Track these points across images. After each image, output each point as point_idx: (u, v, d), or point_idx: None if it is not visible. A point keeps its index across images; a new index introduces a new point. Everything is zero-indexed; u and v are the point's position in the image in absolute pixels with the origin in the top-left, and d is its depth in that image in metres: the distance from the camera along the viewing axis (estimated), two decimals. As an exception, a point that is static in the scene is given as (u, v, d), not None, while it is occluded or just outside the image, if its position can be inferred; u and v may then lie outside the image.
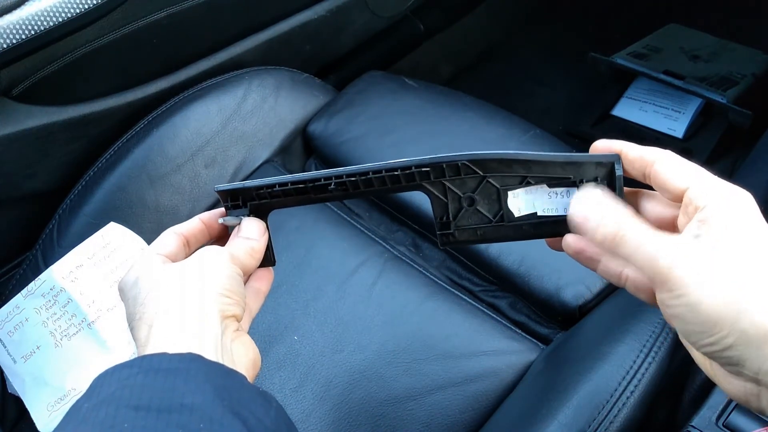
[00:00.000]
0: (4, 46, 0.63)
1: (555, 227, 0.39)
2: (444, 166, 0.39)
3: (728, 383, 0.35)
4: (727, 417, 0.53)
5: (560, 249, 0.40)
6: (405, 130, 0.78)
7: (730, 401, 0.53)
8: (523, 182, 0.38)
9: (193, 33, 0.82)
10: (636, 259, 0.34)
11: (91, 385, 0.34)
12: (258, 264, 0.43)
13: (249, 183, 0.42)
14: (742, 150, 1.00)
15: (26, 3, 0.65)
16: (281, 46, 0.90)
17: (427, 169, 0.39)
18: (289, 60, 0.90)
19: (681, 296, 0.32)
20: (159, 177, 0.74)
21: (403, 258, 0.70)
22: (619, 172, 0.36)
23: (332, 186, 0.40)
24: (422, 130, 0.77)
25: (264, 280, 0.46)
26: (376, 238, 0.72)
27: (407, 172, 0.39)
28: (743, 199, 0.34)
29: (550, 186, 0.38)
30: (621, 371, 0.52)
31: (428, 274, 0.69)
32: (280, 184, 0.41)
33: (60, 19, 0.66)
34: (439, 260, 0.73)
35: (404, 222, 0.76)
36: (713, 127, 1.08)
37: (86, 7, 0.67)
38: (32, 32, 0.64)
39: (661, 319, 0.55)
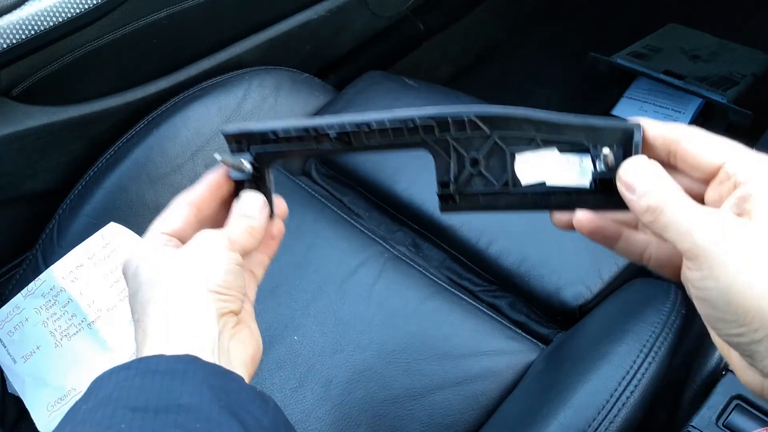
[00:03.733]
0: (4, 46, 0.63)
1: (565, 198, 0.36)
2: (449, 120, 0.36)
3: (745, 374, 0.32)
4: (727, 417, 0.53)
5: (568, 227, 0.37)
6: (405, 130, 0.78)
7: (729, 401, 0.54)
8: (532, 144, 0.35)
9: (193, 33, 0.82)
10: (672, 230, 0.30)
11: (89, 387, 0.34)
12: (259, 243, 0.41)
13: (254, 125, 0.41)
14: (742, 150, 1.00)
15: (26, 3, 0.65)
16: (281, 46, 0.90)
17: (432, 123, 0.37)
18: (289, 60, 0.90)
19: (714, 278, 0.29)
20: (159, 177, 0.74)
21: (403, 258, 0.70)
22: (637, 139, 0.33)
23: (334, 134, 0.39)
24: (422, 130, 0.77)
25: (269, 245, 0.45)
26: (376, 238, 0.72)
27: (410, 125, 0.37)
28: None
29: (561, 151, 0.35)
30: (621, 371, 0.52)
31: (428, 274, 0.69)
32: (284, 130, 0.40)
33: (60, 19, 0.66)
34: (439, 260, 0.73)
35: (404, 222, 0.76)
36: (713, 127, 1.07)
37: (86, 7, 0.67)
38: (32, 32, 0.64)
39: (662, 319, 0.55)
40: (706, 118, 1.09)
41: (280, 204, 0.44)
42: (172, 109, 0.78)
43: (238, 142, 0.41)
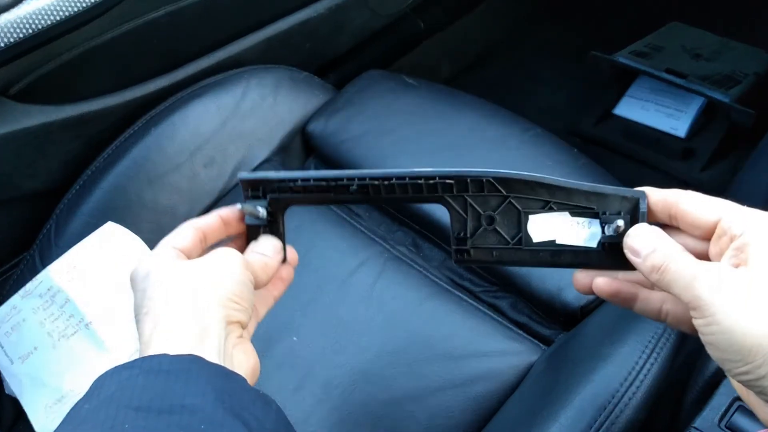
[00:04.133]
0: (2, 45, 0.63)
1: (573, 257, 0.39)
2: (468, 180, 0.38)
3: (763, 411, 0.35)
4: (730, 418, 0.53)
5: (589, 292, 0.40)
6: (405, 129, 0.77)
7: (732, 402, 0.53)
8: (546, 207, 0.38)
9: (191, 31, 0.82)
10: (676, 285, 0.34)
11: (91, 386, 0.34)
12: (269, 280, 0.43)
13: (272, 174, 0.41)
14: (744, 149, 1.00)
15: (24, 1, 0.65)
16: (280, 45, 0.90)
17: (451, 182, 0.38)
18: (289, 58, 0.89)
19: (716, 323, 0.32)
20: (157, 176, 0.74)
21: (403, 258, 0.70)
22: (643, 209, 0.37)
23: (354, 188, 0.40)
24: (422, 129, 0.77)
25: (277, 285, 0.46)
26: (376, 238, 0.71)
27: (430, 182, 0.39)
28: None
29: (572, 215, 0.38)
30: (623, 372, 0.52)
31: (428, 275, 0.68)
32: (303, 180, 0.41)
33: (58, 18, 0.65)
34: (439, 260, 0.72)
35: (404, 222, 0.75)
36: (715, 126, 1.08)
37: (84, 5, 0.66)
38: (30, 31, 0.64)
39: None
40: (709, 117, 1.09)
41: (292, 252, 0.45)
42: (171, 107, 0.77)
43: (255, 188, 0.42)
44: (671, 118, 1.09)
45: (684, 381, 0.56)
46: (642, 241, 0.36)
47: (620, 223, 0.37)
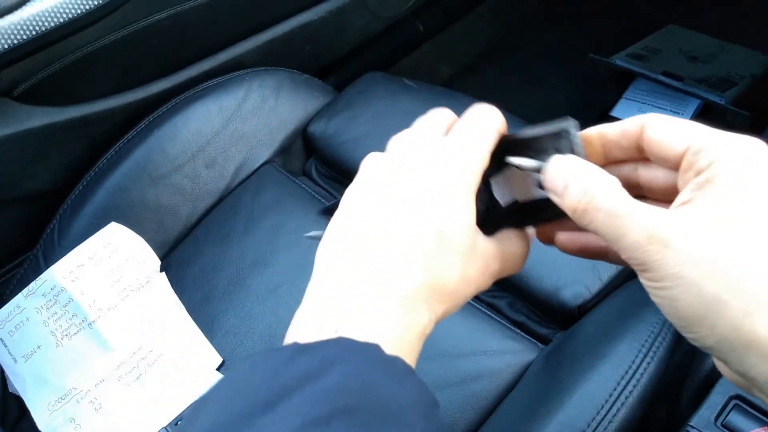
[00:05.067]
0: (6, 46, 0.63)
1: (534, 214, 0.35)
2: None
3: (723, 369, 0.30)
4: (726, 417, 0.53)
5: (559, 247, 0.35)
6: (404, 131, 0.78)
7: (728, 401, 0.54)
8: (501, 167, 0.35)
9: (193, 34, 0.82)
10: (605, 232, 0.27)
11: (321, 358, 0.27)
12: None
13: None
14: (740, 151, 1.00)
15: (27, 3, 0.65)
16: (282, 47, 0.90)
17: None
18: (290, 61, 0.90)
19: (660, 288, 0.26)
20: (160, 177, 0.74)
21: (403, 258, 0.70)
22: (574, 139, 0.31)
23: None
24: (422, 130, 0.77)
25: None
26: (376, 239, 0.72)
27: None
28: (749, 152, 0.26)
29: (520, 168, 0.34)
30: (620, 371, 0.52)
31: (428, 275, 0.69)
32: None
33: (61, 20, 0.66)
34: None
35: (404, 222, 0.76)
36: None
37: (87, 7, 0.67)
38: (33, 33, 0.65)
39: (660, 319, 0.55)
40: (705, 119, 1.09)
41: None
42: (173, 109, 0.78)
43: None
44: (668, 120, 1.10)
45: (680, 379, 0.57)
46: (554, 176, 0.30)
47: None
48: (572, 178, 0.29)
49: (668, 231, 0.26)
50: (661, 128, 0.29)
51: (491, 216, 0.36)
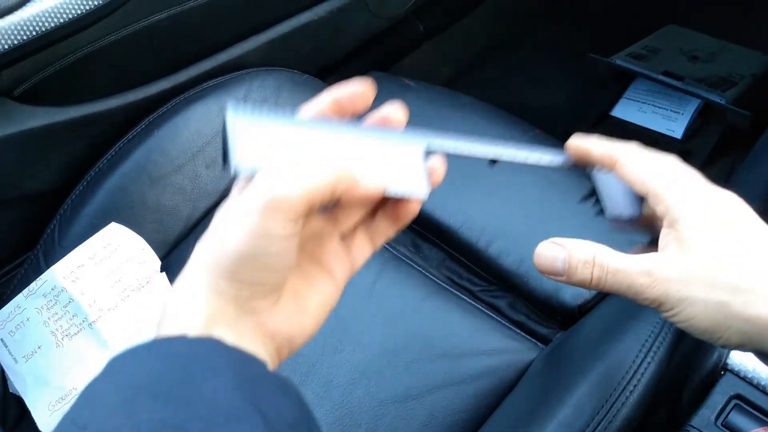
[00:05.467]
0: (6, 46, 0.64)
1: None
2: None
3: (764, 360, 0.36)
4: (726, 417, 0.53)
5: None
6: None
7: (729, 401, 0.54)
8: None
9: (194, 34, 0.82)
10: (615, 289, 0.35)
11: (105, 367, 0.31)
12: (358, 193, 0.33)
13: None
14: (740, 151, 1.00)
15: (28, 3, 0.65)
16: (282, 47, 0.90)
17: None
18: (290, 61, 0.90)
19: (676, 314, 0.34)
20: (160, 177, 0.74)
21: (403, 258, 0.70)
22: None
23: None
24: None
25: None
26: (377, 239, 0.72)
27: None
28: (689, 188, 0.35)
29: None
30: (620, 371, 0.52)
31: (428, 274, 0.69)
32: None
33: (61, 20, 0.66)
34: (438, 260, 0.73)
35: (404, 222, 0.76)
36: (712, 128, 1.09)
37: (88, 8, 0.67)
38: (34, 33, 0.65)
39: (660, 319, 0.55)
40: (705, 119, 1.10)
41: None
42: (173, 109, 0.78)
43: None
44: (668, 119, 1.10)
45: (681, 379, 0.57)
46: (548, 261, 0.37)
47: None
48: (564, 259, 0.36)
49: (662, 270, 0.34)
50: (627, 170, 0.37)
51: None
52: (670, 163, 0.37)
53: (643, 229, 0.40)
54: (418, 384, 0.60)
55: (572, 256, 0.36)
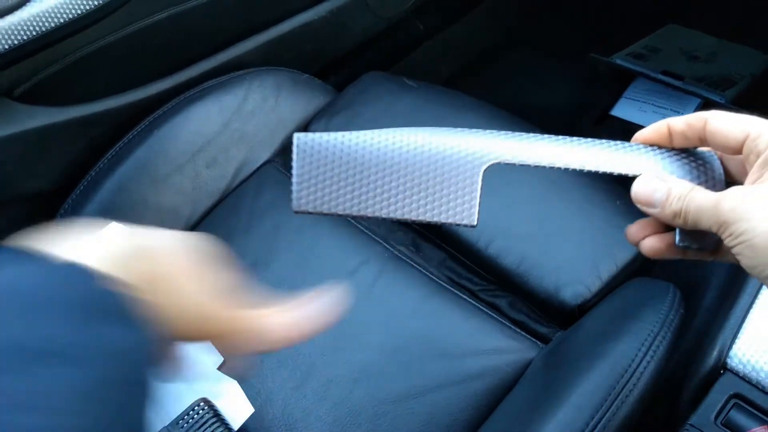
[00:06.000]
0: (6, 46, 0.64)
1: None
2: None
3: None
4: (726, 415, 0.53)
5: (646, 251, 0.40)
6: (405, 131, 0.78)
7: (728, 400, 0.54)
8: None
9: (194, 34, 0.82)
10: (703, 221, 0.35)
11: None
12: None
13: None
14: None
15: (28, 4, 0.65)
16: (282, 47, 0.90)
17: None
18: (290, 61, 0.90)
19: (738, 235, 0.34)
20: (160, 177, 0.75)
21: (403, 258, 0.70)
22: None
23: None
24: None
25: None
26: (376, 238, 0.72)
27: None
28: None
29: None
30: (619, 370, 0.52)
31: (428, 274, 0.69)
32: None
33: (61, 20, 0.66)
34: (438, 260, 0.73)
35: (404, 222, 0.76)
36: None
37: (88, 8, 0.67)
38: (34, 33, 0.65)
39: (660, 318, 0.55)
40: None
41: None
42: (174, 109, 0.78)
43: None
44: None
45: (680, 378, 0.57)
46: (650, 192, 0.37)
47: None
48: (665, 191, 0.37)
49: (749, 199, 0.34)
50: (723, 120, 0.36)
51: None
52: (756, 117, 0.37)
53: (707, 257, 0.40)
54: (418, 383, 0.61)
55: (672, 189, 0.37)
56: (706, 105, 1.08)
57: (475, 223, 0.38)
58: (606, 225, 0.67)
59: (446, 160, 0.40)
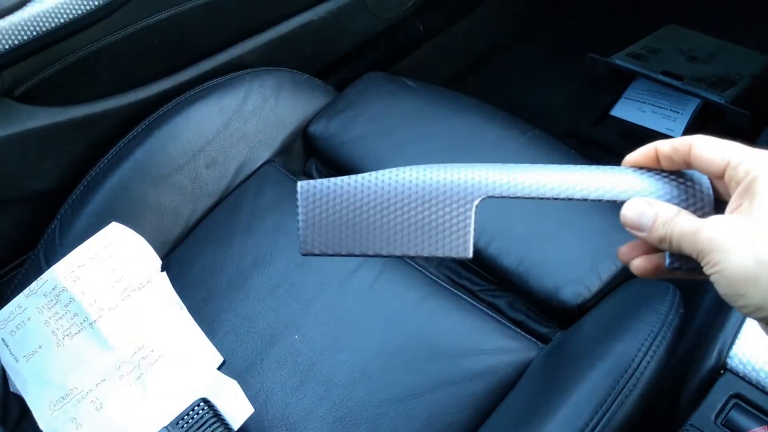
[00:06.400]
0: (7, 46, 0.64)
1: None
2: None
3: None
4: (726, 415, 0.53)
5: (636, 271, 0.42)
6: (405, 131, 0.78)
7: (728, 400, 0.54)
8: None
9: (194, 34, 0.82)
10: (684, 246, 0.37)
11: None
12: None
13: None
14: (740, 150, 1.01)
15: (28, 4, 0.65)
16: (282, 47, 0.90)
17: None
18: (290, 61, 0.90)
19: (714, 265, 0.35)
20: (160, 177, 0.75)
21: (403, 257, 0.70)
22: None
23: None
24: (422, 130, 0.78)
25: None
26: (377, 238, 0.72)
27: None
28: None
29: None
30: (619, 370, 0.52)
31: (428, 274, 0.69)
32: None
33: (62, 20, 0.66)
34: (438, 259, 0.73)
35: (404, 222, 0.76)
36: (711, 128, 1.08)
37: (88, 8, 0.67)
38: (34, 33, 0.65)
39: (660, 318, 0.55)
40: (704, 119, 1.10)
41: None
42: (174, 109, 0.78)
43: None
44: (667, 119, 1.10)
45: (680, 378, 0.57)
46: (637, 217, 0.39)
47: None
48: (652, 216, 0.39)
49: (725, 228, 0.35)
50: (706, 147, 0.38)
51: None
52: (739, 144, 0.38)
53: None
54: (418, 383, 0.61)
55: (658, 215, 0.38)
56: (706, 105, 1.08)
57: (470, 256, 0.41)
58: (606, 225, 0.67)
59: (440, 198, 0.42)
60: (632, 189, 0.40)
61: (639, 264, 0.42)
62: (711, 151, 0.38)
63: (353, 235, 0.42)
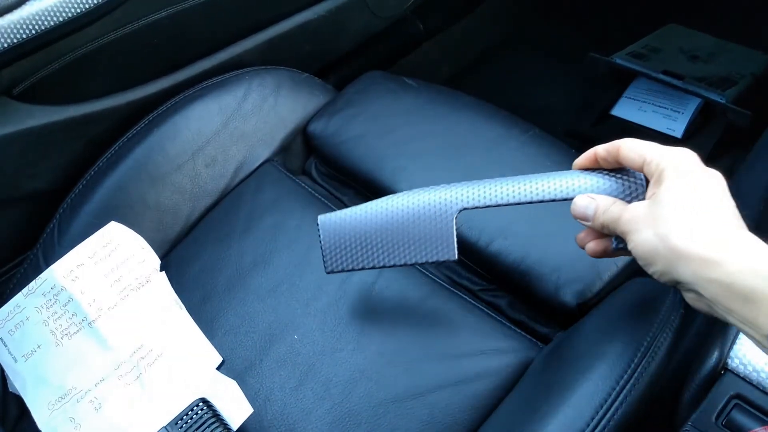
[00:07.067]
0: (5, 45, 0.64)
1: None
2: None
3: (692, 302, 0.45)
4: (727, 416, 0.53)
5: (589, 252, 0.52)
6: (405, 130, 0.78)
7: (729, 401, 0.54)
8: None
9: (193, 33, 0.82)
10: (616, 228, 0.47)
11: None
12: None
13: None
14: (740, 150, 1.00)
15: (27, 2, 0.65)
16: (281, 46, 0.90)
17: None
18: (290, 60, 0.90)
19: (630, 241, 0.45)
20: (159, 176, 0.74)
21: (403, 257, 0.70)
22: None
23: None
24: (422, 129, 0.78)
25: None
26: (376, 238, 0.72)
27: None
28: (680, 155, 0.45)
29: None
30: (620, 370, 0.52)
31: (428, 274, 0.69)
32: None
33: (61, 19, 0.66)
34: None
35: (404, 221, 0.76)
36: (712, 127, 1.09)
37: (87, 6, 0.67)
38: (33, 32, 0.65)
39: (660, 318, 0.55)
40: (705, 118, 1.10)
41: None
42: (173, 108, 0.78)
43: None
44: (668, 118, 1.10)
45: (681, 379, 0.57)
46: (582, 209, 0.49)
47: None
48: (594, 208, 0.49)
49: (637, 213, 0.45)
50: (628, 147, 0.47)
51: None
52: (653, 144, 0.47)
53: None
54: (418, 384, 0.61)
55: (599, 206, 0.48)
56: (707, 105, 1.08)
57: (455, 258, 0.53)
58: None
59: (427, 215, 0.53)
60: (580, 187, 0.49)
61: (591, 247, 0.51)
62: (632, 151, 0.46)
63: (364, 254, 0.55)
